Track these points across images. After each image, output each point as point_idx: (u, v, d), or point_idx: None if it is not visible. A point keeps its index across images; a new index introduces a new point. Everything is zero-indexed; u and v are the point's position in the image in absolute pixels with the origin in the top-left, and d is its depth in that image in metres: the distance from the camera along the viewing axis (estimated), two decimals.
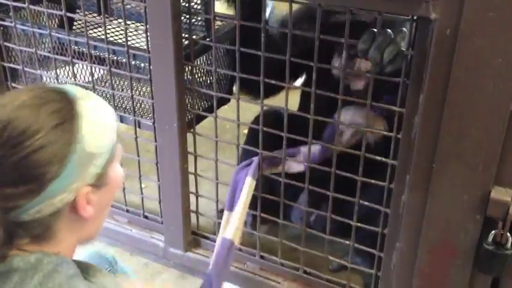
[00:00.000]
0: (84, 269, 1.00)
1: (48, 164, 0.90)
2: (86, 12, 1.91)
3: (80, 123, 0.94)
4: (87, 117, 0.96)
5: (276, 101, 1.80)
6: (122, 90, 2.06)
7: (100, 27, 2.01)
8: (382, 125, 1.71)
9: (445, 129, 1.30)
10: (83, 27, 1.80)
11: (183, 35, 1.66)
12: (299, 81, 2.01)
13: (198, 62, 1.91)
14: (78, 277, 0.97)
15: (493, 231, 1.35)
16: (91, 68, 1.86)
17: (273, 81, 1.56)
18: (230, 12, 1.70)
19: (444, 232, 1.42)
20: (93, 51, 1.86)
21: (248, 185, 1.69)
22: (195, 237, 2.00)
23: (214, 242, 1.96)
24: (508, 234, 1.34)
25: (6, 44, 1.99)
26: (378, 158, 1.53)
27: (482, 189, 1.32)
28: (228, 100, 2.06)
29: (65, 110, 0.94)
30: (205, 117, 1.93)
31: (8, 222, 0.91)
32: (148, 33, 1.66)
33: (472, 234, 1.39)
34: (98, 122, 0.97)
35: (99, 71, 2.06)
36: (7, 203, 0.90)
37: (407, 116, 1.41)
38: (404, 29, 1.38)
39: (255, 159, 1.73)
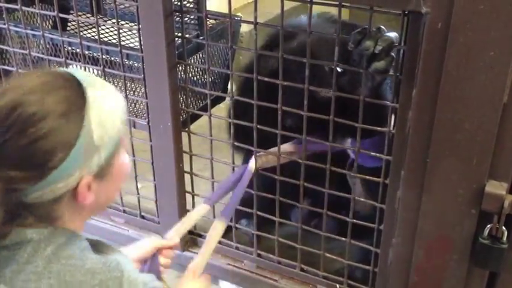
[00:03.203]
0: (95, 244, 1.03)
1: (52, 151, 0.92)
2: (79, 13, 1.91)
3: (87, 113, 0.95)
4: (95, 107, 0.96)
5: None
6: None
7: (94, 27, 2.01)
8: None
9: (438, 123, 1.30)
10: (76, 28, 1.80)
11: (176, 33, 1.66)
12: None
13: (192, 61, 1.91)
14: (90, 250, 0.99)
15: (488, 226, 1.35)
16: (85, 68, 1.86)
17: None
18: None
19: (440, 227, 1.42)
20: (86, 52, 1.85)
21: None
22: (192, 237, 1.99)
23: None
24: (504, 228, 1.33)
25: None
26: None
27: (476, 183, 1.32)
28: (223, 98, 2.06)
29: (73, 98, 0.95)
30: (201, 116, 1.92)
31: (10, 203, 0.93)
32: (140, 33, 1.66)
33: (468, 228, 1.38)
34: (106, 113, 0.97)
35: (93, 72, 2.06)
36: (9, 185, 0.92)
37: (401, 111, 1.40)
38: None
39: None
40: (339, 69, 1.50)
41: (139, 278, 0.99)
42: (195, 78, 2.02)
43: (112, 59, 1.89)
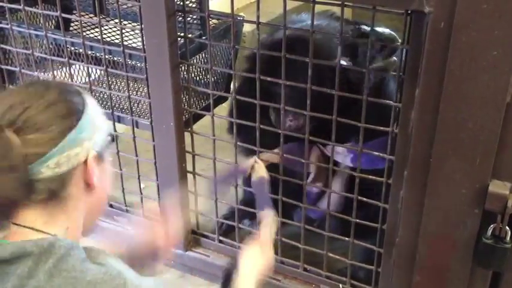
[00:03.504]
0: (87, 252, 1.02)
1: (66, 115, 0.99)
2: (82, 13, 1.91)
3: (85, 99, 1.04)
4: (91, 103, 1.06)
5: None
6: (119, 90, 2.05)
7: (97, 27, 2.01)
8: None
9: (441, 123, 1.30)
10: (79, 28, 1.80)
11: (178, 33, 1.66)
12: None
13: (195, 61, 1.91)
14: (89, 261, 1.00)
15: (491, 225, 1.34)
16: (88, 68, 1.86)
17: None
18: None
19: (443, 227, 1.41)
20: (89, 52, 1.86)
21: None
22: (195, 237, 2.00)
23: (214, 241, 1.97)
24: (507, 227, 1.33)
25: (2, 46, 2.00)
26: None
27: (480, 182, 1.31)
28: (226, 98, 2.06)
29: (71, 90, 1.06)
30: (204, 116, 1.92)
31: (27, 178, 0.96)
32: (143, 33, 1.66)
33: (471, 228, 1.38)
34: (99, 113, 1.07)
35: (96, 72, 2.06)
36: (30, 149, 0.95)
37: (404, 111, 1.40)
38: None
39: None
40: (344, 63, 1.50)
41: (142, 283, 0.99)
42: (197, 78, 2.02)
43: (115, 59, 1.89)
